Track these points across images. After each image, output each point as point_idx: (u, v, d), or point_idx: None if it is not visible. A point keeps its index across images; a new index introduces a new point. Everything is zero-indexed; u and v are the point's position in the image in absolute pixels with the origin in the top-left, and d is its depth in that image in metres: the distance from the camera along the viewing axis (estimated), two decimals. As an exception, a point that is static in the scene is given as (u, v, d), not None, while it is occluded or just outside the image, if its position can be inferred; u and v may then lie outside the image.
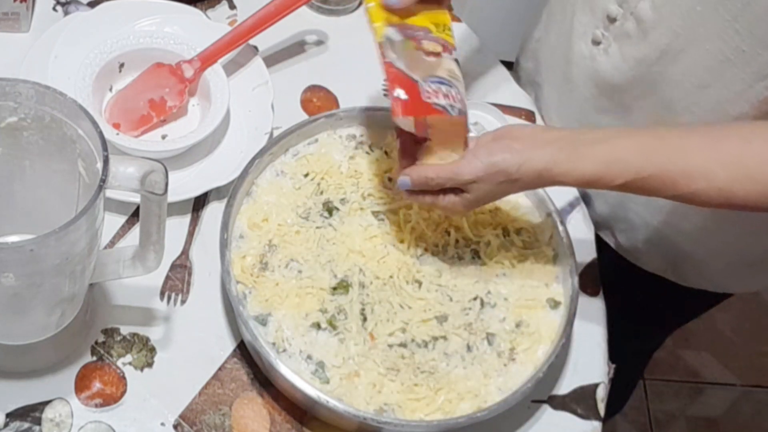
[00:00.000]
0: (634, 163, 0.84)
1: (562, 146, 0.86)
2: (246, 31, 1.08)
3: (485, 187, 0.88)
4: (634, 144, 0.85)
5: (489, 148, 0.88)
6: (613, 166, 0.85)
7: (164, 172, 0.77)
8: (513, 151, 0.87)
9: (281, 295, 0.93)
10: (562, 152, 0.86)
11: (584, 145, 0.86)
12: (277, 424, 0.92)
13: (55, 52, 1.06)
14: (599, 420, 0.97)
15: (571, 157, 0.86)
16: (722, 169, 0.82)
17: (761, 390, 2.06)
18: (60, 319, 0.86)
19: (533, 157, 0.86)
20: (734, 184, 0.81)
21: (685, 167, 0.83)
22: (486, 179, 0.88)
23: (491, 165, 0.87)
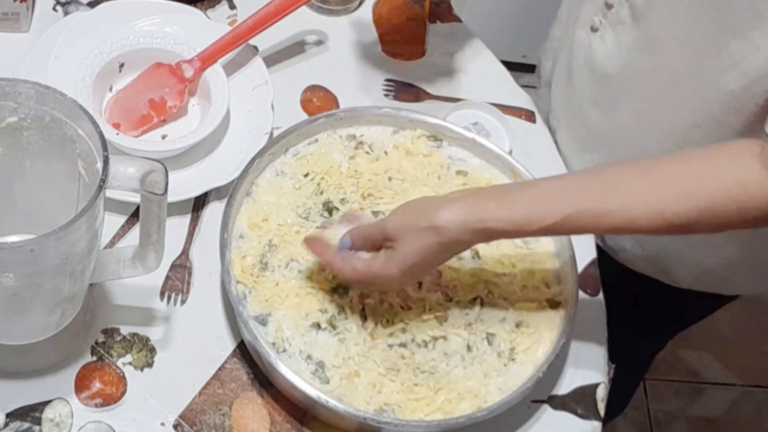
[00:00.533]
0: (564, 199, 0.82)
1: (485, 195, 0.84)
2: (246, 31, 1.08)
3: (411, 238, 0.83)
4: (566, 183, 0.84)
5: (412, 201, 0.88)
6: (542, 206, 0.82)
7: (164, 172, 0.77)
8: (433, 202, 0.85)
9: (281, 295, 0.93)
10: (486, 198, 0.83)
11: (510, 191, 0.85)
12: (277, 424, 0.92)
13: (55, 52, 1.06)
14: (599, 420, 0.97)
15: (499, 201, 0.83)
16: (657, 192, 0.81)
17: (761, 390, 2.06)
18: (60, 319, 0.86)
19: (455, 207, 0.83)
20: (671, 204, 0.80)
21: (617, 196, 0.81)
22: (409, 227, 0.83)
23: (411, 210, 0.85)
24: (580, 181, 0.84)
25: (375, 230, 0.86)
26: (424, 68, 1.20)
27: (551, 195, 0.83)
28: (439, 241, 0.82)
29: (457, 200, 0.84)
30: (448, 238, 0.82)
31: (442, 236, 0.82)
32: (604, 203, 0.81)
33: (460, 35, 1.24)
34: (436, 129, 1.06)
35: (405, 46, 1.22)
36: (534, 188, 0.85)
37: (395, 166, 1.03)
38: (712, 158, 0.81)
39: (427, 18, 1.25)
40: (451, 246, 0.84)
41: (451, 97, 1.17)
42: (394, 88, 1.17)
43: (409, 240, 0.83)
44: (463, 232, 0.82)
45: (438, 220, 0.82)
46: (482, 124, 1.12)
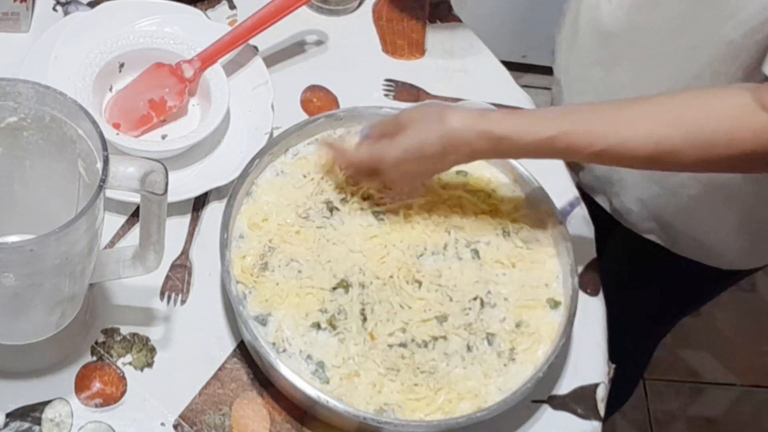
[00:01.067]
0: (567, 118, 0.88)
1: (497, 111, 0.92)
2: (246, 31, 1.09)
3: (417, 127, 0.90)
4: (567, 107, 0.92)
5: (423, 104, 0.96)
6: (541, 120, 0.88)
7: (164, 172, 0.77)
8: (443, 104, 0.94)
9: (281, 295, 0.93)
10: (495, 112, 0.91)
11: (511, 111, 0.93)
12: (277, 424, 0.92)
13: (55, 52, 1.06)
14: (599, 420, 0.97)
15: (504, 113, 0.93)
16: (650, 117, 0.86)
17: (761, 390, 2.06)
18: (60, 319, 0.86)
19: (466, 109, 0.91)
20: (662, 129, 0.85)
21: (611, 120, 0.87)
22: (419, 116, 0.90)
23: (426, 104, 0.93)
24: (580, 106, 0.93)
25: (389, 119, 0.94)
26: (424, 68, 1.20)
27: (551, 113, 0.91)
28: (442, 134, 0.88)
29: (470, 109, 0.92)
30: (451, 132, 0.88)
31: (445, 127, 0.88)
32: (599, 124, 0.87)
33: (460, 35, 1.24)
34: (436, 129, 1.06)
35: (405, 46, 1.22)
36: (537, 110, 0.92)
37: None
38: (704, 93, 0.86)
39: (427, 18, 1.25)
40: (450, 144, 0.89)
41: (451, 97, 1.17)
42: (394, 88, 1.17)
43: (416, 126, 0.90)
44: (465, 129, 0.88)
45: (448, 116, 0.89)
46: (482, 124, 1.12)
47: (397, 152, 0.91)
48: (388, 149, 0.92)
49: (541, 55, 1.24)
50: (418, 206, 1.00)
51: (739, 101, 0.83)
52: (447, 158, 0.91)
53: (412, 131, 0.91)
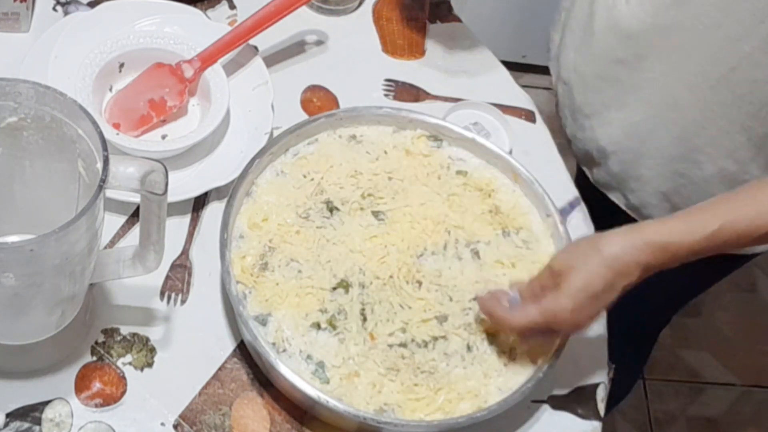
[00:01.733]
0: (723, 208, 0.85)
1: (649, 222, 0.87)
2: (246, 31, 1.09)
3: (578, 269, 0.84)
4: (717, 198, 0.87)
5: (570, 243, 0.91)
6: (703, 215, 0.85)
7: (164, 172, 0.77)
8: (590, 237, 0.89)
9: (281, 295, 0.93)
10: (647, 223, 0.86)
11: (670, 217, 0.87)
12: (277, 424, 0.92)
13: (55, 52, 1.06)
14: (599, 420, 0.97)
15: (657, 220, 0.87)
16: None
17: (761, 390, 2.06)
18: (60, 319, 0.86)
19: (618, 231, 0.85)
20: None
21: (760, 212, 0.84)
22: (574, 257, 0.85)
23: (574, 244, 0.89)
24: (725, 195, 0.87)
25: (543, 276, 0.88)
26: (424, 68, 1.20)
27: (705, 207, 0.86)
28: (606, 264, 0.83)
29: (619, 230, 0.86)
30: (613, 257, 0.83)
31: (607, 257, 0.83)
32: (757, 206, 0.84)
33: (460, 35, 1.24)
34: (436, 129, 1.06)
35: (405, 46, 1.22)
36: (686, 211, 0.87)
37: (395, 166, 1.04)
38: None
39: (427, 18, 1.25)
40: (618, 270, 0.84)
41: (451, 97, 1.17)
42: (394, 88, 1.18)
43: (576, 269, 0.84)
44: (626, 251, 0.83)
45: (602, 243, 0.84)
46: (482, 124, 1.12)
47: (568, 303, 0.85)
48: (557, 304, 0.85)
49: (541, 55, 1.24)
50: (418, 206, 1.00)
51: None
52: (619, 285, 0.86)
53: (574, 276, 0.85)
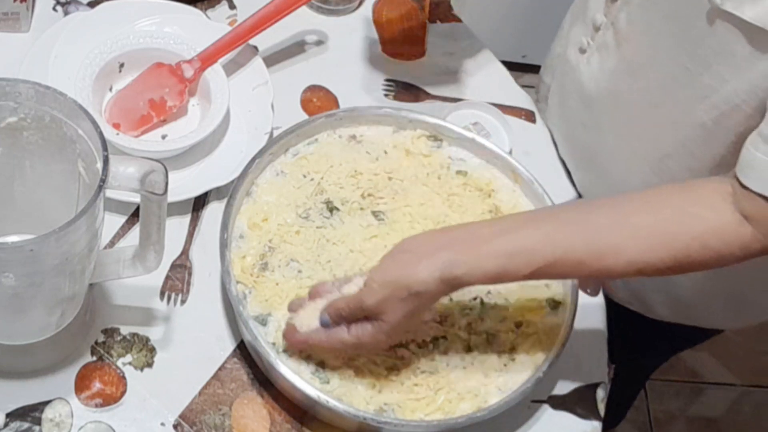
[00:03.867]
0: (539, 251, 0.82)
1: (458, 248, 0.83)
2: (246, 31, 1.08)
3: (394, 308, 0.83)
4: (535, 232, 0.83)
5: (383, 267, 0.86)
6: (517, 258, 0.82)
7: (164, 172, 0.77)
8: (406, 264, 0.84)
9: (281, 295, 0.93)
10: (459, 254, 0.83)
11: (483, 242, 0.83)
12: (277, 424, 0.92)
13: (55, 52, 1.06)
14: (599, 420, 0.97)
15: (470, 258, 0.82)
16: (631, 241, 0.81)
17: (761, 390, 2.06)
18: (60, 319, 0.86)
19: (428, 266, 0.82)
20: (645, 255, 0.80)
21: (591, 246, 0.81)
22: (390, 300, 0.83)
23: (387, 284, 0.83)
24: (555, 230, 0.83)
25: (354, 308, 0.85)
26: (424, 68, 1.20)
27: (523, 248, 0.82)
28: (420, 303, 0.84)
29: (429, 258, 0.83)
30: (429, 297, 0.84)
31: (422, 298, 0.83)
32: (576, 254, 0.81)
33: (460, 35, 1.24)
34: (436, 129, 1.06)
35: (405, 46, 1.22)
36: (507, 238, 0.83)
37: (395, 166, 1.03)
38: (686, 204, 0.81)
39: (427, 18, 1.25)
40: (432, 300, 0.85)
41: (451, 97, 1.17)
42: (394, 88, 1.17)
43: (393, 310, 0.84)
44: (440, 290, 0.83)
45: (416, 286, 0.82)
46: (482, 124, 1.12)
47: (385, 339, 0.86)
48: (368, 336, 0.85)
49: (541, 55, 1.24)
50: (418, 206, 1.00)
51: (722, 214, 0.79)
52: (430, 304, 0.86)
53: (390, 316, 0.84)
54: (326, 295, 0.88)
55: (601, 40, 1.00)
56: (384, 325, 0.84)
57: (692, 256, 0.80)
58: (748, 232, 0.79)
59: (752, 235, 0.79)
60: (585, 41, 1.03)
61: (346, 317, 0.86)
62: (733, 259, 0.80)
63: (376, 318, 0.84)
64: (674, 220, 0.81)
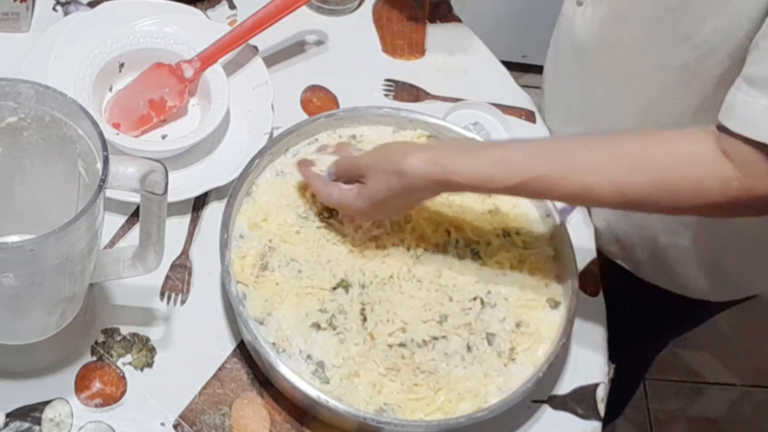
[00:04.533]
0: (525, 163, 0.85)
1: (451, 148, 0.89)
2: (246, 31, 1.09)
3: (379, 176, 0.89)
4: (524, 148, 0.87)
5: (385, 144, 0.94)
6: (504, 166, 0.85)
7: (164, 172, 0.77)
8: (402, 147, 0.91)
9: (281, 295, 0.93)
10: (451, 150, 0.88)
11: (476, 147, 0.89)
12: (277, 424, 0.92)
13: (55, 52, 1.06)
14: (599, 420, 0.97)
15: (464, 156, 0.86)
16: (614, 162, 0.83)
17: (761, 390, 2.06)
18: (60, 319, 0.86)
19: (420, 155, 0.87)
20: (625, 177, 0.82)
21: (575, 163, 0.84)
22: (378, 167, 0.89)
23: (381, 153, 0.90)
24: (544, 148, 0.88)
25: (352, 165, 0.93)
26: (424, 68, 1.20)
27: (513, 157, 0.86)
28: (403, 185, 0.88)
29: (425, 150, 0.89)
30: (411, 183, 0.87)
31: (405, 181, 0.87)
32: (563, 170, 0.84)
33: (460, 35, 1.24)
34: (436, 129, 1.06)
35: (405, 46, 1.22)
36: (499, 149, 0.88)
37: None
38: (670, 137, 0.83)
39: (427, 18, 1.25)
40: (414, 191, 0.89)
41: (451, 97, 1.17)
42: (394, 88, 1.18)
43: (377, 178, 0.89)
44: (425, 181, 0.87)
45: (404, 165, 0.87)
46: (482, 124, 1.12)
47: (358, 203, 0.92)
48: (353, 203, 0.92)
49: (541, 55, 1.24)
50: (418, 206, 1.00)
51: (703, 147, 0.81)
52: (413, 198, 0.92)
53: (373, 183, 0.90)
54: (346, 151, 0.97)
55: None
56: (365, 190, 0.90)
57: (670, 183, 0.81)
58: (728, 167, 0.79)
59: (732, 171, 0.79)
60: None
61: (342, 174, 0.93)
62: (711, 195, 0.81)
63: (362, 183, 0.90)
64: (655, 147, 0.83)
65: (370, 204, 0.91)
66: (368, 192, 0.90)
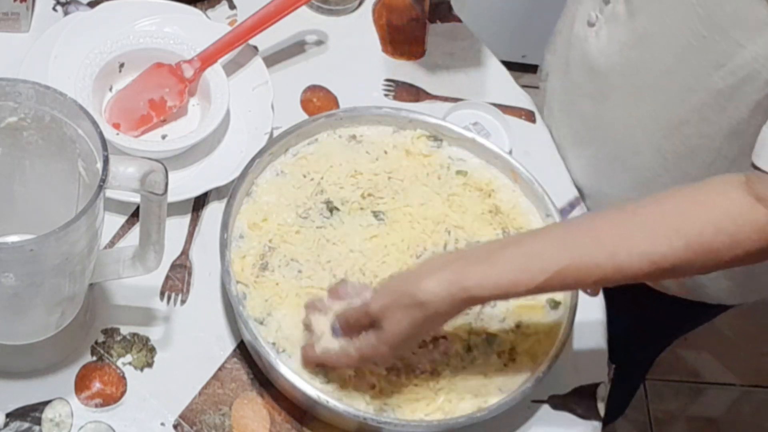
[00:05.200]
0: (551, 256, 0.79)
1: (467, 259, 0.81)
2: (246, 31, 1.09)
3: (397, 316, 0.81)
4: (545, 238, 0.82)
5: (393, 277, 0.86)
6: (531, 265, 0.79)
7: (164, 172, 0.77)
8: (414, 274, 0.82)
9: (281, 295, 0.93)
10: (467, 263, 0.80)
11: (493, 252, 0.81)
12: (277, 424, 0.92)
13: (55, 52, 1.06)
14: (599, 420, 0.97)
15: (483, 266, 0.79)
16: (641, 233, 0.78)
17: (761, 390, 2.06)
18: (60, 319, 0.86)
19: (437, 277, 0.80)
20: (657, 245, 0.78)
21: (602, 246, 0.79)
22: (393, 306, 0.81)
23: (393, 290, 0.82)
24: (564, 236, 0.82)
25: (360, 315, 0.84)
26: (424, 68, 1.20)
27: (534, 254, 0.80)
28: (425, 315, 0.80)
29: (438, 270, 0.81)
30: (435, 310, 0.80)
31: (428, 310, 0.80)
32: (589, 256, 0.79)
33: (460, 35, 1.24)
34: (436, 129, 1.06)
35: (405, 46, 1.22)
36: (517, 247, 0.81)
37: (395, 166, 1.03)
38: (696, 194, 0.80)
39: (427, 18, 1.25)
40: (438, 317, 0.82)
41: (451, 97, 1.17)
42: (394, 88, 1.17)
43: (395, 319, 0.81)
44: (448, 304, 0.80)
45: (421, 295, 0.80)
46: (482, 124, 1.12)
47: (387, 350, 0.84)
48: (371, 349, 0.84)
49: (541, 55, 1.24)
50: (418, 206, 1.00)
51: (733, 198, 0.77)
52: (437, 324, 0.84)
53: (392, 325, 0.82)
54: (343, 299, 0.88)
55: (610, 12, 1.00)
56: (385, 335, 0.82)
57: (706, 242, 0.77)
58: (763, 214, 0.76)
59: (767, 217, 0.76)
60: (594, 15, 1.03)
61: (353, 325, 0.85)
62: (749, 245, 0.77)
63: (379, 327, 0.83)
64: (683, 208, 0.79)
65: (394, 346, 0.83)
66: (389, 335, 0.82)
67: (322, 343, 0.87)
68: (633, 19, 0.97)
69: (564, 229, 0.83)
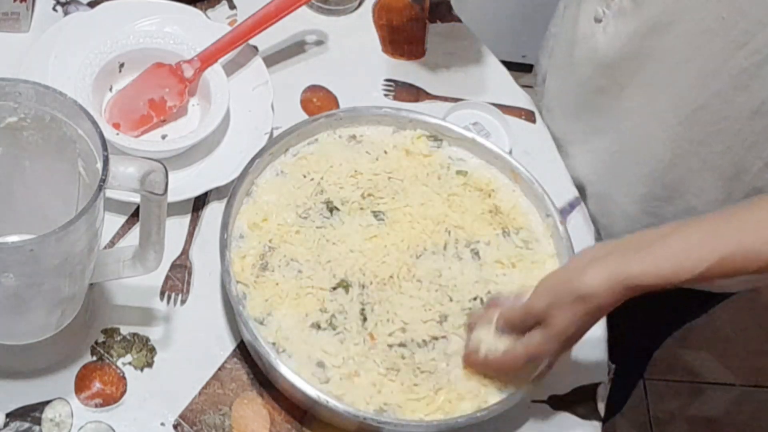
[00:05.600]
0: (713, 244, 0.79)
1: (626, 249, 0.81)
2: (246, 31, 1.09)
3: (561, 312, 0.81)
4: (707, 228, 0.80)
5: (553, 273, 0.86)
6: (692, 253, 0.79)
7: (164, 172, 0.77)
8: (573, 269, 0.83)
9: (281, 295, 0.93)
10: (626, 252, 0.80)
11: (653, 241, 0.80)
12: (277, 424, 0.92)
13: (55, 52, 1.06)
14: (599, 420, 0.97)
15: (643, 254, 0.80)
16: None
17: (761, 390, 2.06)
18: (60, 319, 0.86)
19: (597, 269, 0.80)
20: None
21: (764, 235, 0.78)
22: (556, 303, 0.82)
23: (553, 287, 0.82)
24: (726, 224, 0.81)
25: (526, 314, 0.85)
26: (424, 68, 1.20)
27: (695, 243, 0.80)
28: (588, 308, 0.81)
29: (597, 262, 0.81)
30: (598, 303, 0.81)
31: (590, 303, 0.81)
32: (751, 245, 0.78)
33: (460, 35, 1.24)
34: (436, 129, 1.06)
35: (405, 46, 1.22)
36: (678, 236, 0.81)
37: (395, 166, 1.04)
38: None
39: (427, 18, 1.25)
40: (600, 310, 0.82)
41: (451, 97, 1.17)
42: (394, 88, 1.18)
43: (561, 315, 0.82)
44: (610, 296, 0.80)
45: (583, 288, 0.80)
46: (482, 124, 1.12)
47: (550, 347, 0.85)
48: (539, 346, 0.85)
49: (541, 55, 1.24)
50: (418, 206, 1.00)
51: None
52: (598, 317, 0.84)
53: (558, 322, 0.82)
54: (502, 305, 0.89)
55: (617, 7, 1.00)
56: (551, 332, 0.83)
57: None
58: None
59: None
60: (600, 10, 1.03)
61: (518, 326, 0.86)
62: None
63: (544, 325, 0.83)
64: None
65: (564, 342, 0.84)
66: (556, 331, 0.83)
67: (484, 347, 0.88)
68: (641, 10, 0.97)
69: (725, 218, 0.82)
